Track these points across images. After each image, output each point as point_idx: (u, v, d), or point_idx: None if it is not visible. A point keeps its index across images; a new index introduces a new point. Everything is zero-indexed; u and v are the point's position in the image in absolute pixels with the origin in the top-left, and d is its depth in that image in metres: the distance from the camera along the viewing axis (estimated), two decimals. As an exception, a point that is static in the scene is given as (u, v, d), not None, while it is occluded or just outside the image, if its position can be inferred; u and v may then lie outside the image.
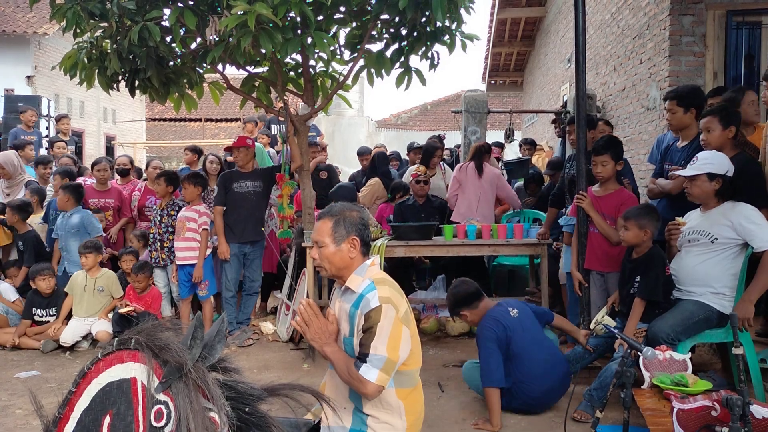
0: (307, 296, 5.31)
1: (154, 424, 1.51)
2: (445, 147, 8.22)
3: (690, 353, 3.45)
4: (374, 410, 2.42)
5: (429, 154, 6.79)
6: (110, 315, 5.63)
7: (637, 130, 7.32)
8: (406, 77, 5.37)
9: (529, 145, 9.03)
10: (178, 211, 5.85)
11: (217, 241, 5.79)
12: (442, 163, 7.26)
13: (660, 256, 3.86)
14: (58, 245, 6.09)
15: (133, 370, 1.55)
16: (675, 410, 2.74)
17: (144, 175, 7.83)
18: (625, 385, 2.83)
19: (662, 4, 6.42)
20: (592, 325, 4.08)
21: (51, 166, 7.53)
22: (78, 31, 4.89)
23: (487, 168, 6.39)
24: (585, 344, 4.05)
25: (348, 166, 11.64)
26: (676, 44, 6.23)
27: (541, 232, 5.46)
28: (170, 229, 5.91)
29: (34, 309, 5.66)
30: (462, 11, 4.98)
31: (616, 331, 3.26)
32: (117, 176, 7.32)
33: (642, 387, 3.20)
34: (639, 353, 3.02)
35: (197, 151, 7.67)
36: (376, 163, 7.51)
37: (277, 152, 8.42)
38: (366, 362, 2.32)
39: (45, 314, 5.68)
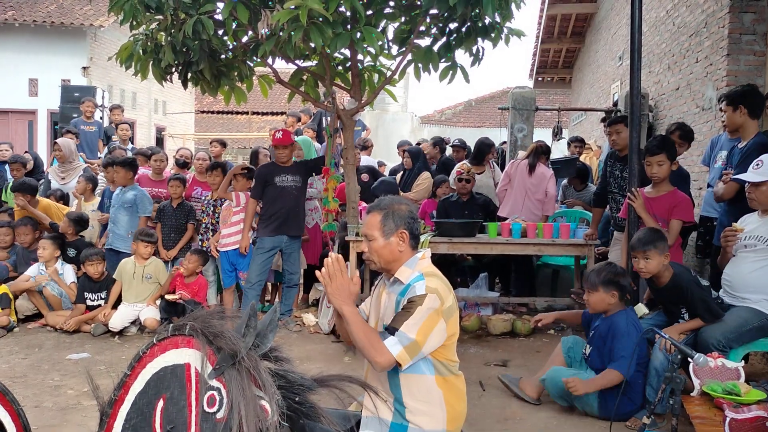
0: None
1: (207, 409, 1.53)
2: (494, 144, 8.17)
3: (743, 362, 3.35)
4: (413, 401, 2.40)
5: (482, 153, 6.76)
6: (158, 302, 5.77)
7: (691, 131, 7.11)
8: (451, 72, 5.35)
9: (579, 142, 8.86)
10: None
11: (257, 232, 5.88)
12: (491, 161, 7.21)
13: (694, 282, 3.69)
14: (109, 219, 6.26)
15: (187, 355, 1.58)
16: (727, 419, 2.67)
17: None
18: (674, 391, 2.77)
19: (722, 1, 6.21)
20: None
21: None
22: (134, 23, 5.00)
23: (539, 167, 6.31)
24: None
25: (391, 161, 11.67)
26: (736, 42, 6.03)
27: (589, 233, 5.37)
28: (223, 220, 6.06)
29: (85, 293, 5.84)
30: (512, 7, 4.93)
31: (666, 336, 3.17)
32: (175, 167, 7.49)
33: (691, 394, 3.13)
34: (690, 359, 2.95)
35: (223, 144, 8.20)
36: (418, 159, 7.46)
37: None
38: (394, 336, 2.33)
39: (96, 298, 5.85)
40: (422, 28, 5.34)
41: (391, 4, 5.15)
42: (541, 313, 4.43)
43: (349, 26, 4.95)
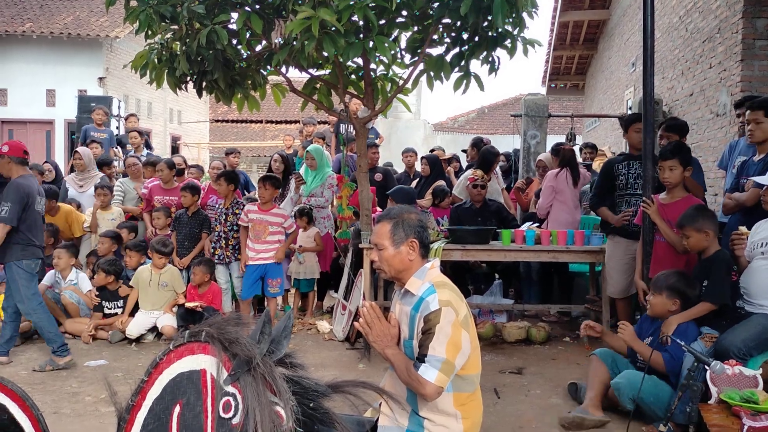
0: (364, 297, 5.36)
1: (222, 415, 1.55)
2: (500, 152, 8.13)
3: (760, 369, 3.31)
4: (431, 414, 2.42)
5: (489, 162, 6.73)
6: (175, 309, 5.81)
7: (706, 137, 7.08)
8: (465, 81, 5.35)
9: (591, 149, 8.82)
10: (242, 210, 6.02)
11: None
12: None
13: (725, 259, 3.75)
14: None
15: (203, 362, 1.60)
16: (745, 428, 2.64)
17: (207, 174, 8.12)
18: (692, 399, 2.75)
19: (735, 7, 6.19)
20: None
21: (113, 166, 8.04)
22: (150, 33, 5.06)
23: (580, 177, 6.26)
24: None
25: (400, 168, 11.70)
26: (749, 48, 6.01)
27: (618, 218, 5.08)
28: (235, 227, 6.09)
29: (103, 302, 5.89)
30: (524, 15, 4.93)
31: (683, 343, 3.15)
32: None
33: (709, 402, 3.10)
34: (707, 367, 2.92)
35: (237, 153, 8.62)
36: (435, 167, 7.51)
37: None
38: (425, 362, 2.33)
39: (113, 306, 5.91)
40: (435, 37, 5.36)
41: (404, 13, 5.17)
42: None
43: (361, 35, 4.99)
